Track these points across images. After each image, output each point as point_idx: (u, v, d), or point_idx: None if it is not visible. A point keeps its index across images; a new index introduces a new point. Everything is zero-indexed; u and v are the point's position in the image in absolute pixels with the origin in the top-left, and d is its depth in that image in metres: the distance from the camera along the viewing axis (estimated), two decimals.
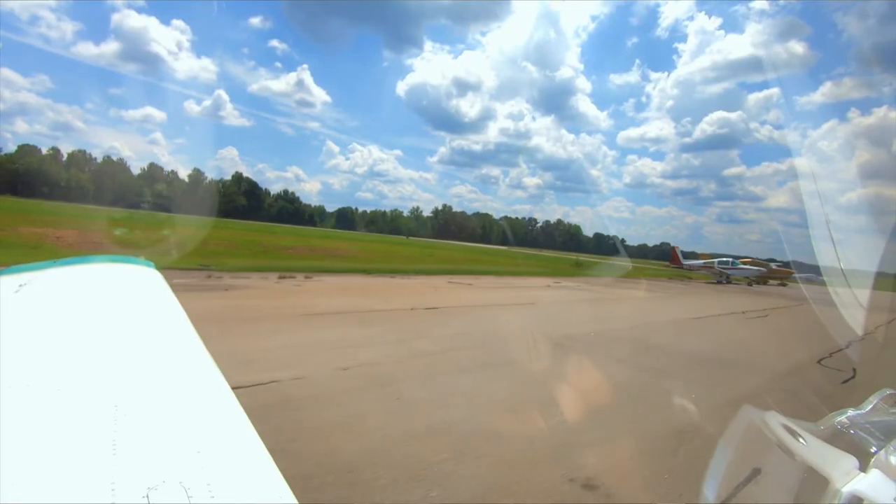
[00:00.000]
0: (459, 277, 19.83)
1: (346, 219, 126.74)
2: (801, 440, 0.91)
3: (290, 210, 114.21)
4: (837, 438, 0.93)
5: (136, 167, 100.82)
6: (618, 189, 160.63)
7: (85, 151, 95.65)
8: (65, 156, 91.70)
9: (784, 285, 38.74)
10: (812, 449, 0.89)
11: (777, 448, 0.93)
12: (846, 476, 0.81)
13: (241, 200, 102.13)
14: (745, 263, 38.74)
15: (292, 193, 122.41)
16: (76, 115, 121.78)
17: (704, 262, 41.68)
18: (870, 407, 1.02)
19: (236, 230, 32.23)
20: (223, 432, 0.76)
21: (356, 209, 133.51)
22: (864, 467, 0.83)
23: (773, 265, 40.44)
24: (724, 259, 40.28)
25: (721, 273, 37.63)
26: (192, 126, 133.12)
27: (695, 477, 3.66)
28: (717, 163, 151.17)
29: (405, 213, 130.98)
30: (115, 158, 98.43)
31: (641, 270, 39.85)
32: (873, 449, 0.88)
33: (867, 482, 0.80)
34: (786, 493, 0.92)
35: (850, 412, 1.00)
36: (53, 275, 1.36)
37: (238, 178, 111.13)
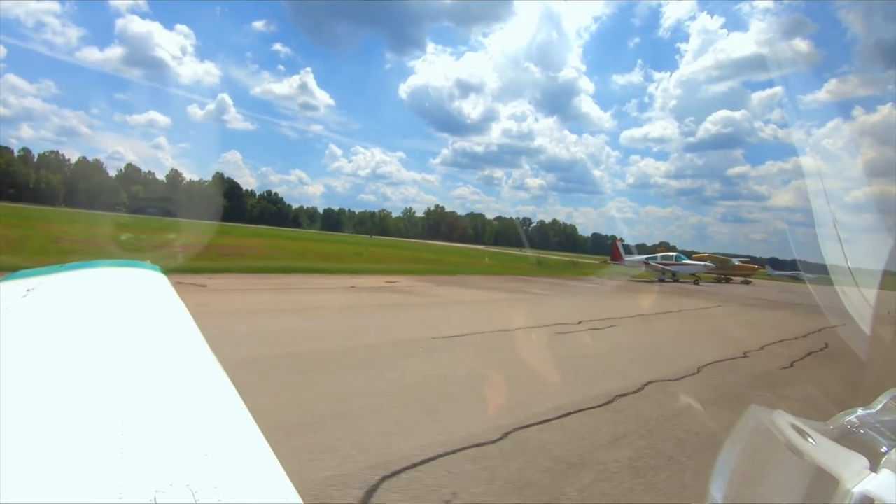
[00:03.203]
0: (260, 276, 14.56)
1: (332, 220, 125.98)
2: (809, 440, 0.91)
3: (272, 211, 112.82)
4: (847, 438, 0.94)
5: (131, 170, 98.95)
6: (621, 189, 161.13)
7: (57, 152, 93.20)
8: (35, 157, 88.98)
9: (748, 283, 37.30)
10: (821, 449, 0.89)
11: (785, 448, 0.92)
12: (856, 476, 0.81)
13: (221, 201, 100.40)
14: (700, 259, 35.61)
15: (275, 194, 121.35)
16: (81, 120, 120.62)
17: (646, 258, 35.32)
18: (880, 406, 1.03)
19: (152, 229, 30.27)
20: (229, 434, 0.77)
21: (347, 210, 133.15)
22: (874, 467, 0.83)
23: (735, 261, 38.82)
24: (668, 254, 35.42)
25: (663, 270, 32.43)
26: (195, 130, 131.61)
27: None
28: (721, 162, 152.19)
29: (395, 214, 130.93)
30: (90, 160, 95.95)
31: (593, 268, 35.63)
32: (884, 448, 0.88)
33: (878, 482, 0.80)
34: (795, 494, 0.91)
35: (860, 411, 1.01)
36: (60, 279, 1.39)
37: (219, 178, 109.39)
